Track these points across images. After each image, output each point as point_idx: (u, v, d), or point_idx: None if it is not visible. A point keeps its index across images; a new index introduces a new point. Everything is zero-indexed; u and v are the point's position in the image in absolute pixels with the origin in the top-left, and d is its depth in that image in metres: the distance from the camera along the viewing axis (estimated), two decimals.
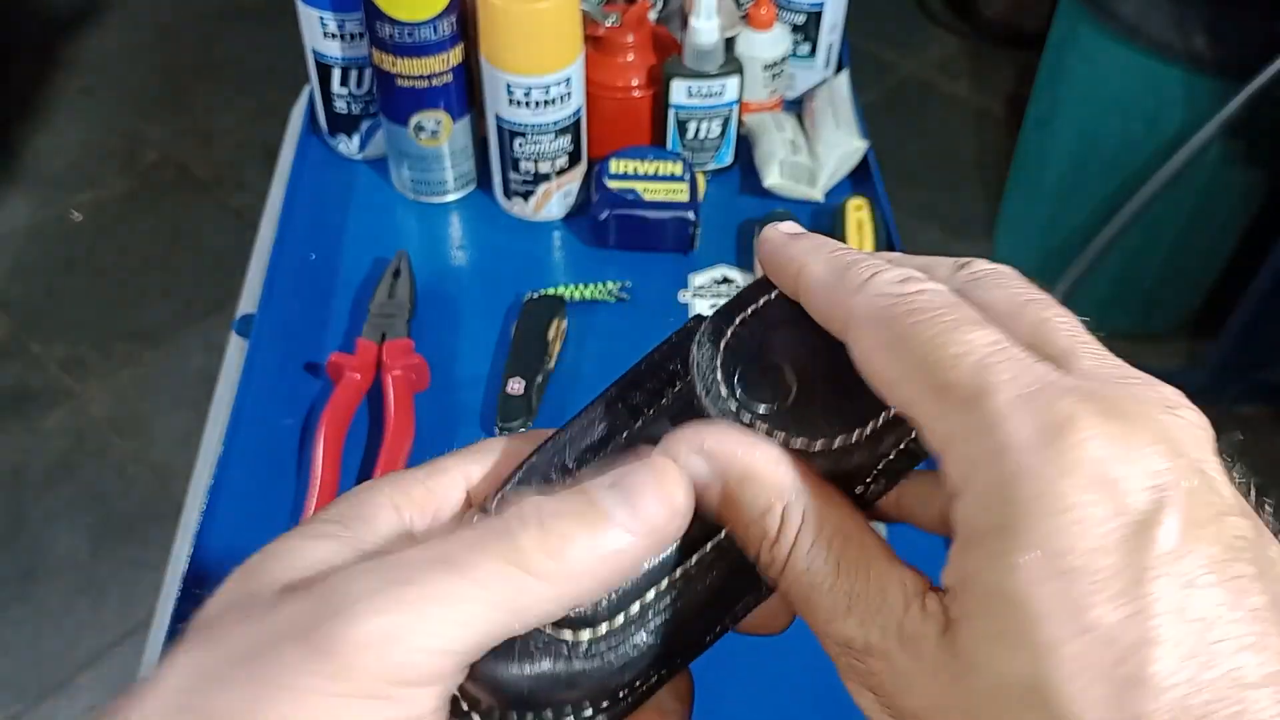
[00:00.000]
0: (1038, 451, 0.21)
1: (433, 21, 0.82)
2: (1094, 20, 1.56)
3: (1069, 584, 0.20)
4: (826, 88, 1.00)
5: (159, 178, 2.15)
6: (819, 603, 0.25)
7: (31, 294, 1.94)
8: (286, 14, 0.92)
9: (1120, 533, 0.20)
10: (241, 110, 2.23)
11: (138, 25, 2.47)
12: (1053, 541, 0.20)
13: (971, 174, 2.16)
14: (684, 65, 0.89)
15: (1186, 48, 1.48)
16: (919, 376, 0.24)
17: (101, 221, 2.07)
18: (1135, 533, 0.20)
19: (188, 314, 1.88)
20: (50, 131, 2.23)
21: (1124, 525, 0.20)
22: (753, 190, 0.95)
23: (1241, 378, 1.69)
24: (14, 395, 1.75)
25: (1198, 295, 1.82)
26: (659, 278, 0.88)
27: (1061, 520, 0.20)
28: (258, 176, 1.05)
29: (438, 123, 0.88)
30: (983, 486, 0.22)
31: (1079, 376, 0.23)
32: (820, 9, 0.98)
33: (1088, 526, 0.20)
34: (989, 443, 0.22)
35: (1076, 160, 1.71)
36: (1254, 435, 1.75)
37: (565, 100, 0.84)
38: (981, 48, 2.45)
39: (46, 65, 2.36)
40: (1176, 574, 0.20)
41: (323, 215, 0.93)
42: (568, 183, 0.90)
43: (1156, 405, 0.22)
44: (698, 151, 0.94)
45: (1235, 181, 1.62)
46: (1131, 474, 0.21)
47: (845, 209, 0.89)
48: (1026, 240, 1.90)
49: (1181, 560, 0.20)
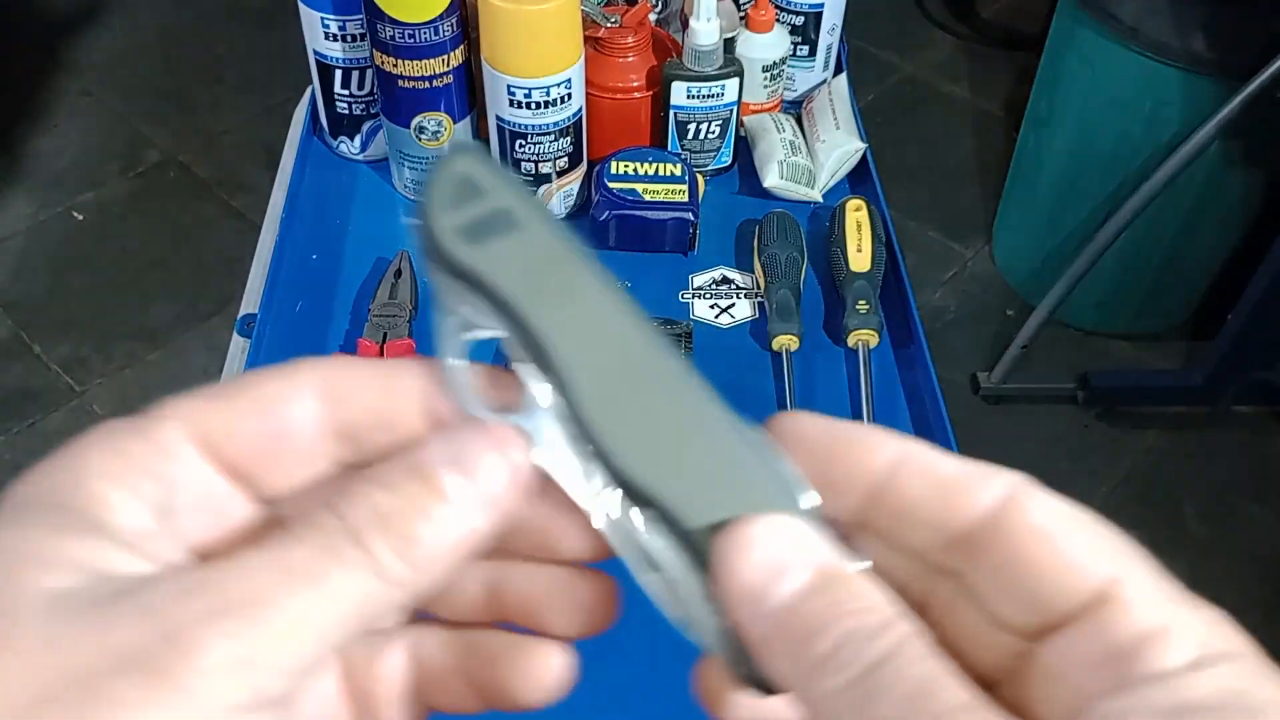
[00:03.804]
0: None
1: (434, 23, 0.82)
2: (1093, 21, 1.56)
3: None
4: (826, 89, 1.01)
5: (161, 178, 2.15)
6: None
7: (33, 294, 1.95)
8: (288, 15, 0.92)
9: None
10: (243, 111, 2.24)
11: (139, 26, 2.48)
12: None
13: (970, 175, 2.16)
14: (684, 67, 0.89)
15: (1185, 49, 1.48)
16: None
17: (103, 222, 2.07)
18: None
19: (190, 314, 1.88)
20: (52, 132, 2.24)
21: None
22: (752, 191, 0.95)
23: (1240, 378, 1.69)
24: (16, 395, 1.76)
25: (1196, 295, 1.82)
26: (659, 278, 0.88)
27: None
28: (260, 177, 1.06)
29: (439, 124, 0.88)
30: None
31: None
32: (819, 10, 0.99)
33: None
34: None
35: (1075, 161, 1.72)
36: (1253, 435, 1.76)
37: (566, 102, 0.85)
38: (980, 49, 2.45)
39: (48, 66, 2.36)
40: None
41: (324, 216, 0.93)
42: (568, 184, 0.91)
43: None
44: (697, 153, 0.94)
45: (1234, 182, 1.62)
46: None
47: (844, 209, 0.89)
48: (1025, 241, 1.91)
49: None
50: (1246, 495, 1.68)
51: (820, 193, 0.95)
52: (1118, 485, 1.69)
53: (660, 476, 0.24)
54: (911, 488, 0.24)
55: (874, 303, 0.84)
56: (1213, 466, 1.71)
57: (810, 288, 0.88)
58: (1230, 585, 1.54)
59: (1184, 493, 1.68)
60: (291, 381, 0.25)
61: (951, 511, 0.24)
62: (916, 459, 0.24)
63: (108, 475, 0.23)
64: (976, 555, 0.24)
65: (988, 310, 1.92)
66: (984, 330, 1.87)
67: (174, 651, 0.20)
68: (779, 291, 0.84)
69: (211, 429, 0.24)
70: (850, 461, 0.25)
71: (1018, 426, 1.75)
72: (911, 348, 0.84)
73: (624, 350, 0.25)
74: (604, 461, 0.24)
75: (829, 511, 0.25)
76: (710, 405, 0.25)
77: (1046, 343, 1.73)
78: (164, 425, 0.24)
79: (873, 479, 0.24)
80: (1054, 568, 0.22)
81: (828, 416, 0.25)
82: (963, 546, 0.24)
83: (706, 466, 0.24)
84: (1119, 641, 0.21)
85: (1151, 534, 1.40)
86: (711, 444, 0.24)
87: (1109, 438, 1.75)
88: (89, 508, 0.22)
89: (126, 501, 0.23)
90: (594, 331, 0.25)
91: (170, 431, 0.24)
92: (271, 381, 0.25)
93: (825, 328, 0.86)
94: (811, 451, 0.25)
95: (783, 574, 0.22)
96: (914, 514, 0.24)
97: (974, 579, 0.24)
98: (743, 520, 0.23)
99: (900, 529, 0.24)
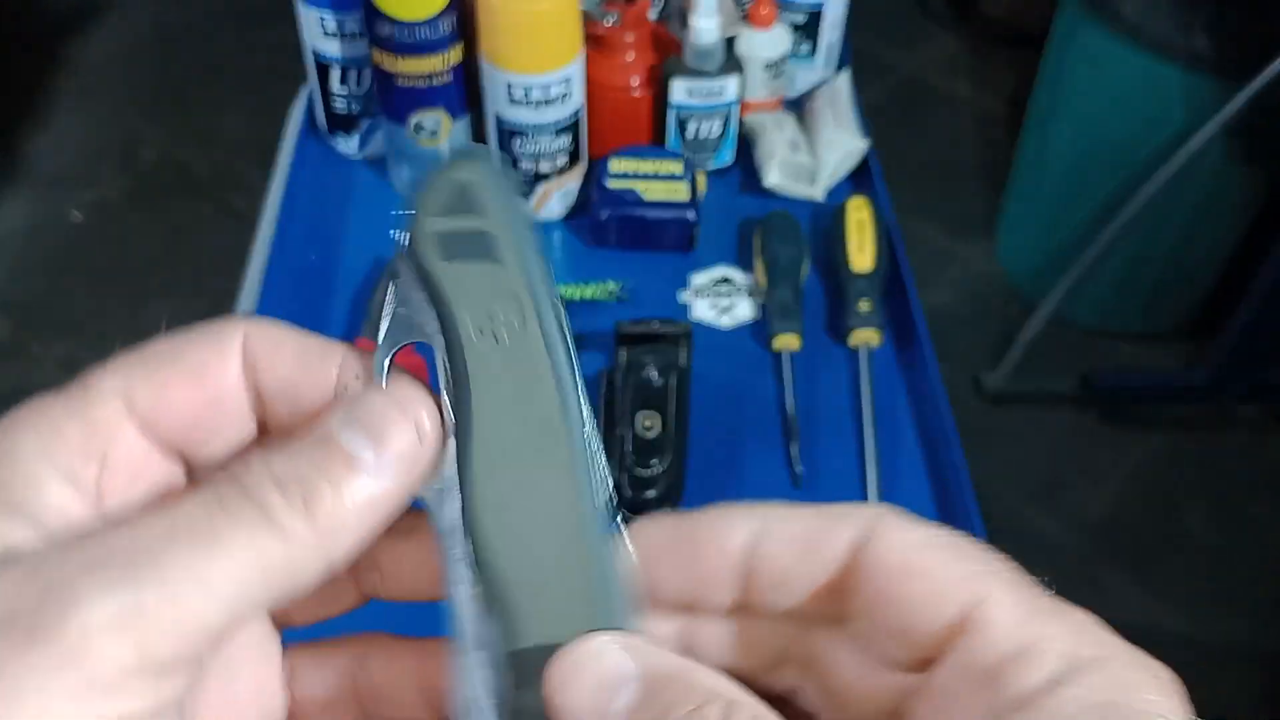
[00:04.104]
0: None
1: (432, 21, 0.82)
2: (1095, 20, 1.55)
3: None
4: (827, 87, 1.00)
5: (158, 177, 2.15)
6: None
7: (31, 293, 1.94)
8: (285, 14, 0.92)
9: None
10: (241, 110, 2.23)
11: (137, 25, 2.47)
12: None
13: (973, 174, 2.15)
14: (684, 64, 0.88)
15: (1188, 47, 1.48)
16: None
17: (101, 221, 2.06)
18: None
19: (187, 313, 1.86)
20: (49, 131, 2.23)
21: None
22: (753, 190, 0.95)
23: (1242, 378, 1.68)
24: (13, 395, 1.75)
25: (1199, 295, 1.82)
26: (659, 278, 0.88)
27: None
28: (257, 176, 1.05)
29: (437, 122, 0.87)
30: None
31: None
32: (821, 8, 0.98)
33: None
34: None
35: (1078, 160, 1.71)
36: (1258, 436, 1.75)
37: (565, 99, 0.84)
38: (983, 47, 2.45)
39: (46, 65, 2.36)
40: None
41: (322, 215, 0.92)
42: (568, 182, 0.90)
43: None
44: (698, 151, 0.93)
45: (1237, 181, 1.62)
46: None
47: (846, 209, 0.88)
48: (1028, 240, 1.90)
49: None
50: (1250, 496, 1.68)
51: (821, 191, 0.94)
52: (1121, 486, 1.68)
53: (512, 578, 0.23)
54: (774, 555, 0.24)
55: (876, 302, 0.83)
56: (1217, 467, 1.71)
57: (812, 287, 0.88)
58: (1234, 586, 1.54)
59: (1188, 494, 1.67)
60: (220, 347, 0.24)
61: (813, 564, 0.24)
62: (772, 524, 0.24)
63: (40, 455, 0.22)
64: (845, 599, 0.24)
65: (990, 310, 1.92)
66: (987, 330, 1.87)
67: (53, 608, 0.19)
68: (780, 291, 0.83)
69: (146, 403, 0.23)
70: (712, 550, 0.24)
71: (1021, 427, 1.75)
72: (914, 348, 0.83)
73: (534, 420, 0.24)
74: (470, 536, 0.24)
75: (697, 604, 0.25)
76: (582, 503, 0.24)
77: (1049, 342, 1.72)
78: (101, 402, 0.23)
79: (737, 559, 0.24)
80: (915, 598, 0.22)
81: (680, 513, 0.25)
82: (832, 595, 0.24)
83: (554, 575, 0.24)
84: (983, 666, 0.21)
85: (1155, 535, 1.39)
86: (567, 549, 0.24)
87: (1112, 438, 1.75)
88: (13, 488, 0.21)
89: (57, 484, 0.22)
90: (515, 392, 0.24)
91: (108, 409, 0.23)
92: (202, 347, 0.24)
93: (827, 328, 0.85)
94: (672, 552, 0.25)
95: (615, 690, 0.22)
96: (783, 578, 0.24)
97: (849, 623, 0.24)
98: (573, 644, 0.23)
99: (776, 597, 0.24)
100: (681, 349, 0.78)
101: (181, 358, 0.24)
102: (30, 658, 0.18)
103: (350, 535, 0.22)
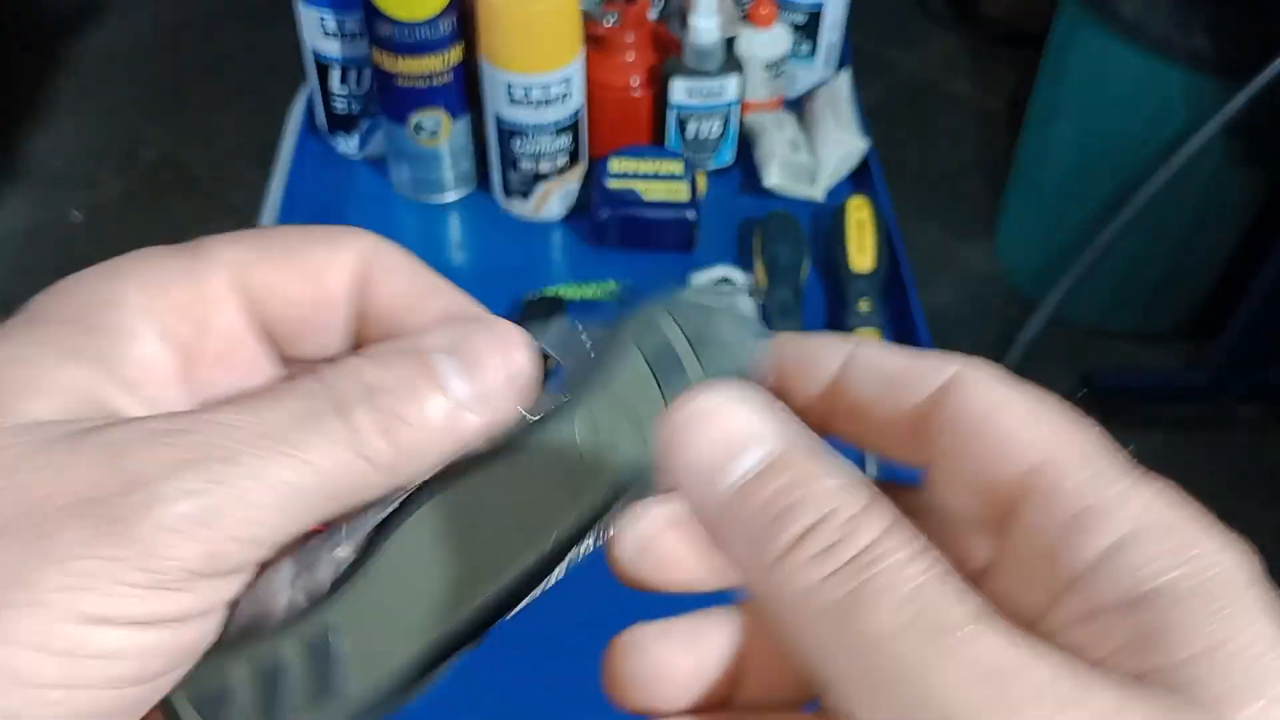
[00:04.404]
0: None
1: (432, 21, 0.82)
2: (1096, 20, 1.55)
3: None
4: (827, 87, 1.00)
5: (158, 177, 2.15)
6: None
7: (30, 293, 1.93)
8: (285, 13, 0.91)
9: None
10: (241, 109, 2.23)
11: (137, 25, 2.47)
12: None
13: (973, 173, 2.15)
14: (684, 64, 0.88)
15: (1188, 47, 1.48)
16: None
17: (101, 221, 2.06)
18: None
19: None
20: (49, 131, 2.23)
21: None
22: (753, 189, 0.95)
23: (1243, 378, 1.68)
24: None
25: (1199, 295, 1.82)
26: (659, 277, 0.88)
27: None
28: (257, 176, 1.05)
29: (437, 122, 0.87)
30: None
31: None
32: (821, 8, 0.98)
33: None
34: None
35: (1078, 160, 1.71)
36: (1258, 436, 1.75)
37: (565, 99, 0.84)
38: (983, 47, 2.44)
39: (46, 65, 2.35)
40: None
41: (321, 215, 0.92)
42: (568, 182, 0.90)
43: None
44: (698, 151, 0.93)
45: (1237, 181, 1.62)
46: None
47: (846, 209, 0.88)
48: (1028, 240, 1.90)
49: None
50: (1251, 497, 1.68)
51: (822, 191, 0.94)
52: None
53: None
54: (858, 384, 0.23)
55: (876, 302, 0.83)
56: (1217, 468, 1.71)
57: (812, 287, 0.88)
58: None
59: (1188, 494, 1.67)
60: (339, 251, 0.24)
61: (895, 400, 0.22)
62: (865, 356, 0.23)
63: (143, 309, 0.22)
64: (925, 444, 0.22)
65: (990, 310, 1.91)
66: (987, 330, 1.86)
67: (130, 500, 0.19)
68: (780, 291, 0.83)
69: (256, 283, 0.23)
70: (803, 371, 0.24)
71: None
72: (914, 348, 0.83)
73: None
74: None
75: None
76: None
77: (1049, 342, 1.72)
78: (213, 270, 0.23)
79: (825, 386, 0.23)
80: (991, 447, 0.21)
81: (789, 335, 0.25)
82: (913, 436, 0.22)
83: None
84: (1049, 529, 0.19)
85: None
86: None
87: (1112, 438, 1.74)
88: (110, 337, 0.21)
89: (153, 341, 0.22)
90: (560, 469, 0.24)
91: (218, 278, 0.23)
92: (322, 245, 0.24)
93: (827, 328, 0.85)
94: (773, 370, 0.24)
95: (736, 450, 0.20)
96: (864, 409, 0.23)
97: (927, 476, 0.22)
98: (695, 391, 0.21)
99: (856, 429, 0.23)
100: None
101: (300, 250, 0.24)
102: (103, 549, 0.18)
103: (424, 461, 0.22)
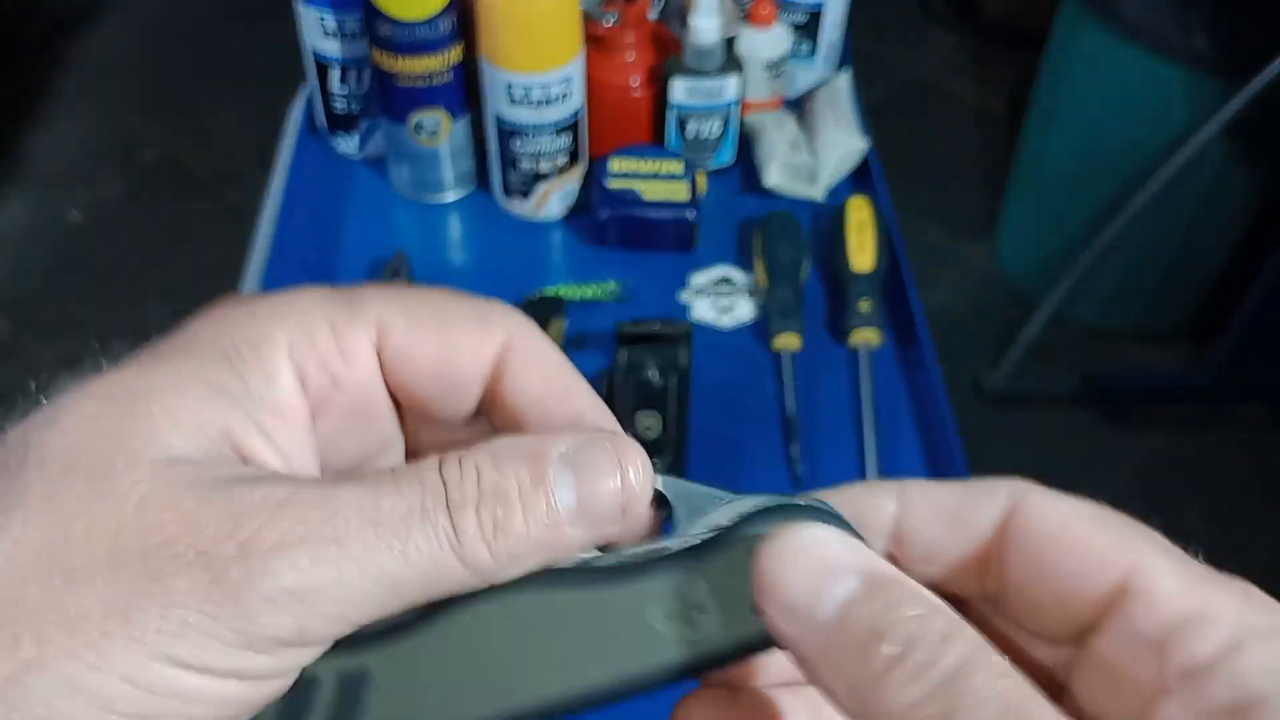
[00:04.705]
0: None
1: (432, 20, 0.81)
2: (1096, 20, 1.55)
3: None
4: (827, 87, 1.00)
5: (157, 177, 2.14)
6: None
7: (29, 293, 1.94)
8: (285, 13, 0.91)
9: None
10: (240, 109, 2.23)
11: (136, 25, 2.47)
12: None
13: (973, 174, 2.15)
14: (684, 64, 0.88)
15: (1188, 47, 1.48)
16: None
17: (100, 221, 2.06)
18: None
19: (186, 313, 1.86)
20: (48, 131, 2.23)
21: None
22: (753, 189, 0.94)
23: (1243, 378, 1.68)
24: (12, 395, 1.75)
25: (1200, 295, 1.82)
26: (659, 277, 0.87)
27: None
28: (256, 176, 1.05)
29: (437, 122, 0.87)
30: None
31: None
32: (821, 8, 0.98)
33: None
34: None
35: (1078, 160, 1.71)
36: (1259, 436, 1.75)
37: (565, 99, 0.84)
38: (983, 47, 2.44)
39: (45, 65, 2.35)
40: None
41: (321, 215, 0.92)
42: (567, 182, 0.90)
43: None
44: (698, 150, 0.93)
45: (1237, 181, 1.62)
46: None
47: (846, 209, 0.88)
48: (1028, 240, 1.90)
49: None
50: (1252, 496, 1.68)
51: (822, 191, 0.94)
52: (1121, 486, 1.68)
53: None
54: (921, 527, 0.24)
55: (876, 302, 0.83)
56: (1218, 467, 1.71)
57: (812, 287, 0.87)
58: None
59: (1187, 494, 1.67)
60: (484, 333, 0.25)
61: (961, 536, 0.23)
62: (916, 497, 0.24)
63: (289, 355, 0.23)
64: (997, 573, 0.23)
65: (990, 310, 1.91)
66: (987, 330, 1.86)
67: (242, 565, 0.20)
68: (780, 291, 0.83)
69: (400, 347, 0.24)
70: (863, 525, 0.24)
71: (1021, 427, 1.74)
72: (914, 348, 0.83)
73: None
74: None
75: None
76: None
77: (1050, 342, 1.72)
78: (362, 327, 0.24)
79: (886, 533, 0.24)
80: (1070, 567, 0.22)
81: (829, 490, 0.25)
82: (981, 567, 0.23)
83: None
84: (1150, 633, 0.20)
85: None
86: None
87: (1113, 438, 1.74)
88: (254, 380, 0.22)
89: (292, 386, 0.23)
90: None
91: (364, 335, 0.24)
92: (468, 327, 0.25)
93: (827, 328, 0.85)
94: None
95: (832, 580, 0.21)
96: (932, 550, 0.24)
97: (1001, 598, 0.23)
98: (793, 528, 0.22)
99: (925, 569, 0.24)
100: (681, 349, 0.78)
101: (449, 324, 0.25)
102: (206, 604, 0.19)
103: (517, 569, 0.22)
